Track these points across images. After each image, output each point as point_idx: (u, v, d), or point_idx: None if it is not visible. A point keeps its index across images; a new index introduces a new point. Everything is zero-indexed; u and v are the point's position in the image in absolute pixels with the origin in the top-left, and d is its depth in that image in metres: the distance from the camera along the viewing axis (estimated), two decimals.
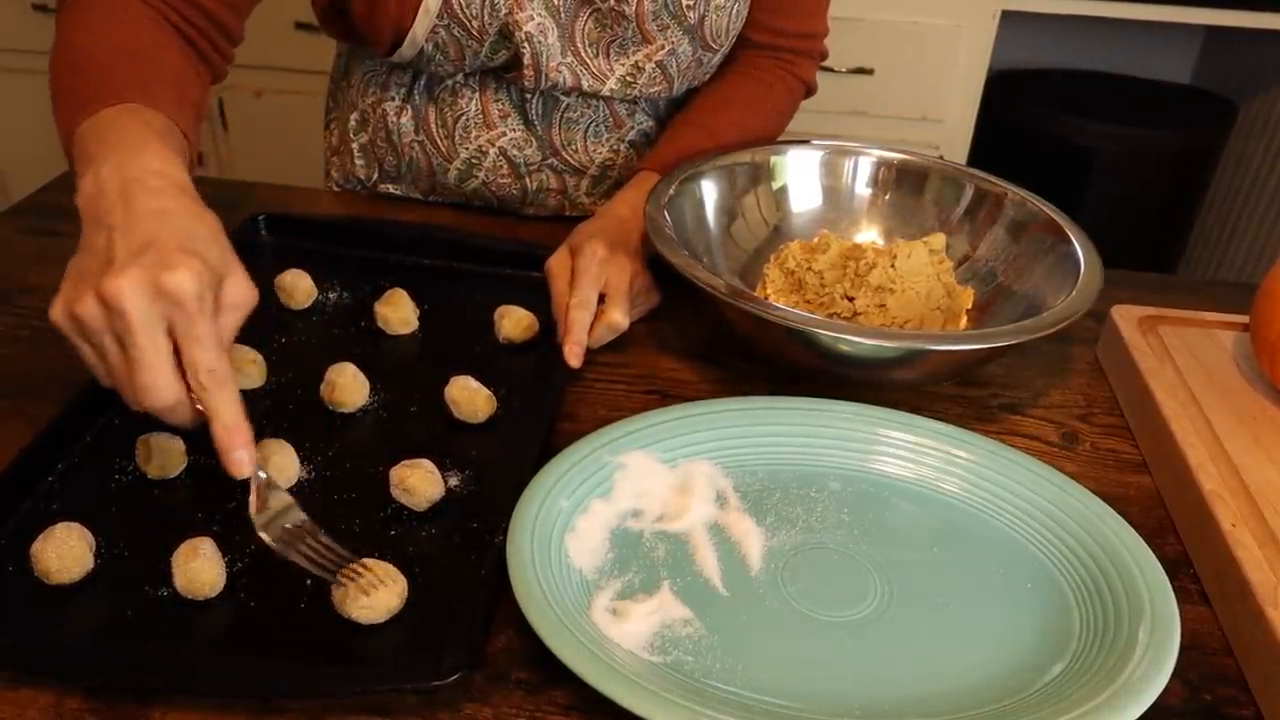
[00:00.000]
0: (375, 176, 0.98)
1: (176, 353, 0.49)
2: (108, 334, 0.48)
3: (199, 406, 0.50)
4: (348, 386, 0.66)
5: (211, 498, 0.59)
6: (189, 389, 0.49)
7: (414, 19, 0.80)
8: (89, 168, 0.54)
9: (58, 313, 0.49)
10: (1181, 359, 0.71)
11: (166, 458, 0.59)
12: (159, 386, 0.48)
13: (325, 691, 0.48)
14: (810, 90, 0.96)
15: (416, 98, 0.91)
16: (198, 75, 0.70)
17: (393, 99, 0.92)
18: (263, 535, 0.50)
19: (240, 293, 0.52)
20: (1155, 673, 0.47)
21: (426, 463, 0.59)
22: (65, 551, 0.52)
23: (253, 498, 0.51)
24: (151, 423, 0.62)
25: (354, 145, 0.97)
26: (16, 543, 0.54)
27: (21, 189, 0.96)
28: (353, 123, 0.96)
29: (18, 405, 0.65)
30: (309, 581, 0.54)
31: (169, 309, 0.48)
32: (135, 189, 0.51)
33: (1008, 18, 1.79)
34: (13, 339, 0.73)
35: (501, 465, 0.62)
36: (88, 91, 0.59)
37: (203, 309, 0.49)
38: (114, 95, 0.59)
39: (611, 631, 0.51)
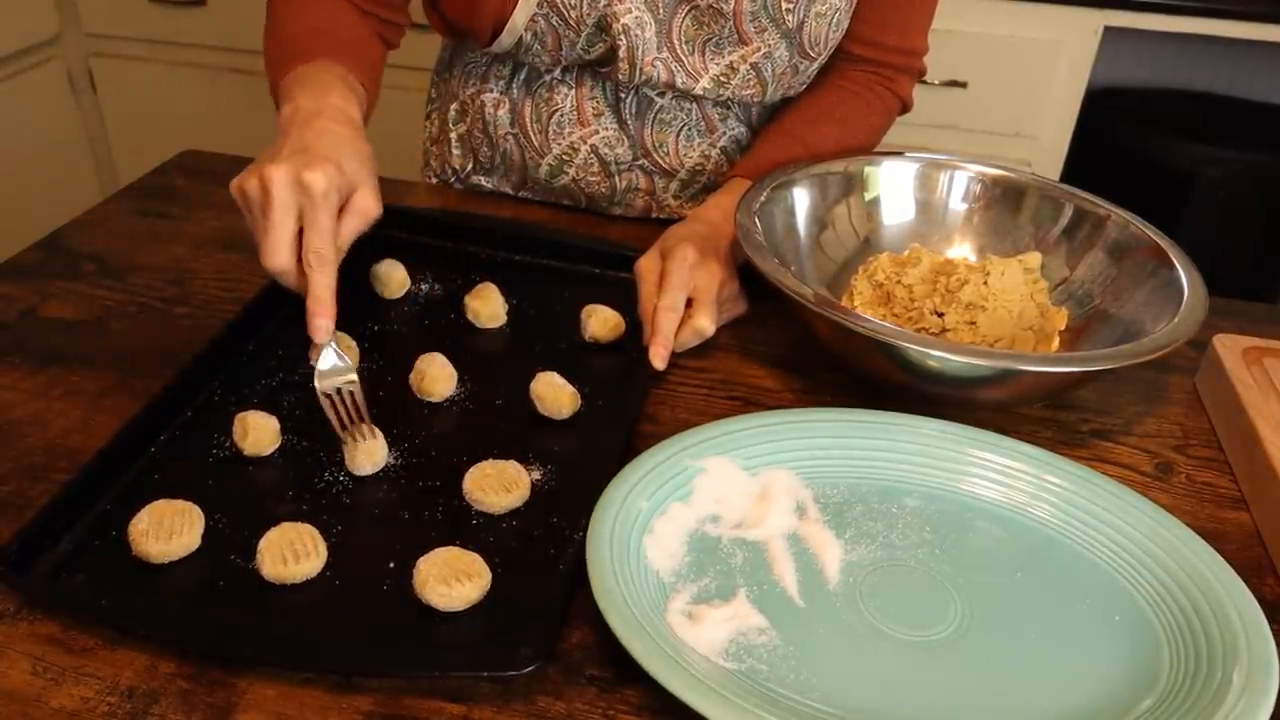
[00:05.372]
0: (470, 167, 1.00)
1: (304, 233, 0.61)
2: (258, 205, 0.61)
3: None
4: (437, 376, 0.67)
5: (303, 476, 0.61)
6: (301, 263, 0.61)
7: (514, 7, 0.81)
8: (288, 103, 0.69)
9: (233, 186, 0.62)
10: None
11: (261, 435, 0.61)
12: (276, 251, 0.60)
13: (404, 673, 0.49)
14: (906, 107, 0.95)
15: (514, 91, 0.92)
16: (377, 43, 0.86)
17: (491, 91, 0.93)
18: (316, 385, 0.60)
19: (365, 203, 0.64)
20: None
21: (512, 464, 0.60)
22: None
23: (320, 356, 0.61)
24: (248, 402, 0.65)
25: (452, 135, 0.99)
26: (120, 509, 0.56)
27: (132, 173, 1.00)
28: (452, 113, 0.98)
29: (124, 379, 0.68)
30: (391, 565, 0.55)
31: (302, 197, 0.60)
32: (313, 115, 0.66)
33: (1110, 34, 1.73)
34: (122, 314, 0.76)
35: (583, 462, 0.62)
36: (289, 53, 0.76)
37: (326, 204, 0.60)
38: (307, 55, 0.75)
39: (686, 635, 0.51)
